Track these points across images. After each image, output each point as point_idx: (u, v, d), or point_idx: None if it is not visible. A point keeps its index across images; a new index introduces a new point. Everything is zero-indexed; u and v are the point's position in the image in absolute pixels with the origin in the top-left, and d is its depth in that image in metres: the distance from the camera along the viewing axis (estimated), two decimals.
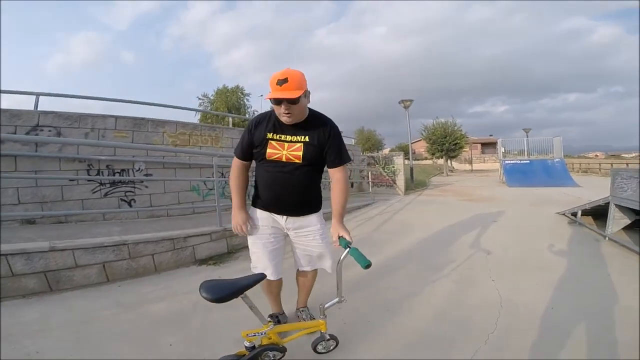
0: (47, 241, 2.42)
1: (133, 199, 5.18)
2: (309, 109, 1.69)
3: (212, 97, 22.59)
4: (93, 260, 2.59)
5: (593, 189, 7.93)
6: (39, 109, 4.68)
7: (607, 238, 3.78)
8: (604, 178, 11.91)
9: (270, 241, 1.78)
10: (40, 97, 4.92)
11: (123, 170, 5.12)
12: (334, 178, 1.74)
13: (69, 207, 4.55)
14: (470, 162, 23.52)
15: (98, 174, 4.86)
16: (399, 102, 13.34)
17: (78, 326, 2.00)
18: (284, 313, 2.10)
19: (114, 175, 5.03)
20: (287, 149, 1.64)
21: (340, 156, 1.72)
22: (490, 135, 38.18)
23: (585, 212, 4.68)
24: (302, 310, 2.16)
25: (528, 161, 12.80)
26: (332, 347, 1.82)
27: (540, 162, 12.57)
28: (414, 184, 11.02)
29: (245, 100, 23.25)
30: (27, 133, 4.37)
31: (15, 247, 2.26)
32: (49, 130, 4.57)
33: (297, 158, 1.63)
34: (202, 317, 2.20)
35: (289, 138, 1.64)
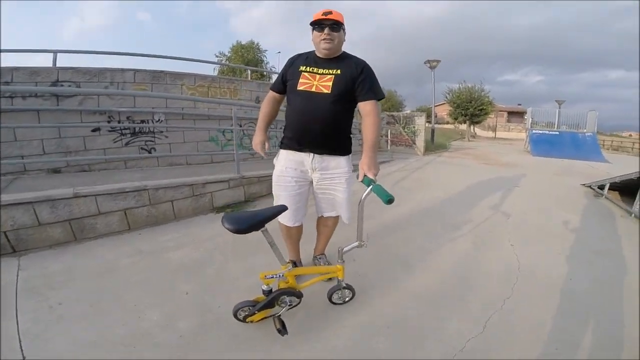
0: (71, 188, 2.43)
1: (153, 148, 5.31)
2: (344, 51, 1.75)
3: (228, 54, 22.27)
4: (115, 207, 2.62)
5: (622, 166, 7.51)
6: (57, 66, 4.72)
7: (633, 215, 3.59)
8: (635, 157, 11.28)
9: (292, 185, 1.77)
10: (58, 58, 4.88)
11: (143, 121, 5.25)
12: (365, 111, 1.66)
13: (92, 156, 4.72)
14: (494, 130, 22.56)
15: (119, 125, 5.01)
16: (425, 62, 12.75)
17: (100, 275, 2.03)
18: (301, 263, 2.11)
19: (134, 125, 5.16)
20: (318, 80, 1.66)
21: (372, 90, 1.68)
22: (519, 105, 35.96)
23: (612, 187, 4.44)
24: (320, 258, 2.16)
25: (557, 132, 12.22)
26: (347, 298, 1.83)
27: (570, 135, 11.99)
28: (434, 146, 10.76)
29: (263, 57, 22.78)
30: None
31: (41, 195, 2.28)
32: (69, 85, 4.64)
33: (326, 88, 1.63)
34: (218, 266, 2.23)
35: (321, 71, 1.68)
